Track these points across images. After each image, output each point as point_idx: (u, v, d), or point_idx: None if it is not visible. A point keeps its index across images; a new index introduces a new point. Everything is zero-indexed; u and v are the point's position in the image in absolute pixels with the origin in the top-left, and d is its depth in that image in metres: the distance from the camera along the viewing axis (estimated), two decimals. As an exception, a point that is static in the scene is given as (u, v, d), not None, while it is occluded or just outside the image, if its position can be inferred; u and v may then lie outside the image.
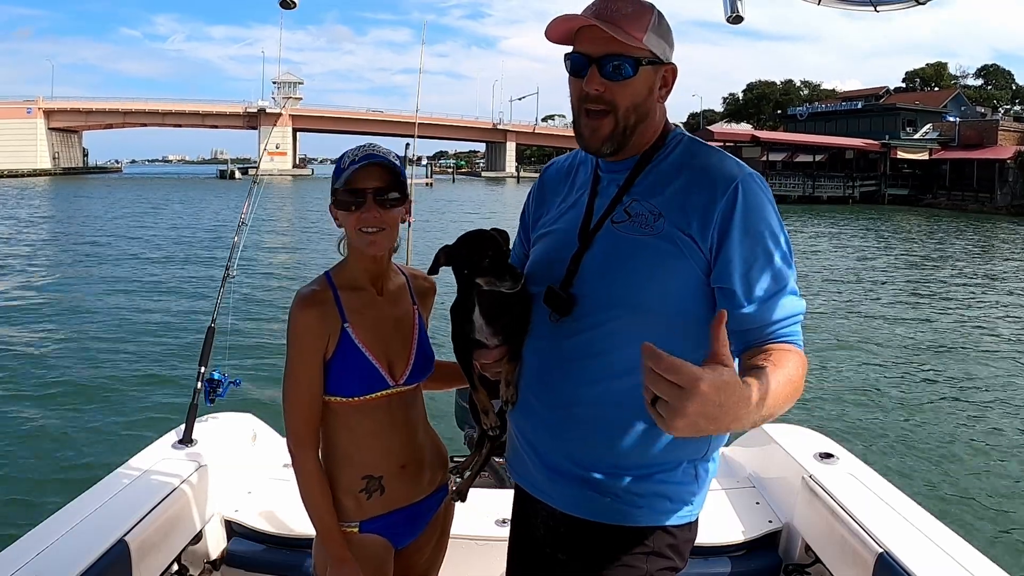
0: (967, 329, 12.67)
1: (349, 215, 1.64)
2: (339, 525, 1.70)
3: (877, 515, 2.19)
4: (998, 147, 49.11)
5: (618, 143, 1.48)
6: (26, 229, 26.94)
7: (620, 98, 1.44)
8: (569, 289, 1.48)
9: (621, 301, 1.43)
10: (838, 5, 2.41)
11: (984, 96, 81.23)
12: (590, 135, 1.47)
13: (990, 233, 33.37)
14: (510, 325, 1.55)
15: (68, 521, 2.10)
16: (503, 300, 1.51)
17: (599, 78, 1.42)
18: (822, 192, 53.31)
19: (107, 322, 11.67)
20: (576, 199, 1.60)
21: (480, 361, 1.59)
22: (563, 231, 1.57)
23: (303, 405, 1.68)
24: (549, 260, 1.56)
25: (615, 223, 1.48)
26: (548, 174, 1.76)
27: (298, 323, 1.65)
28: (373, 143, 1.70)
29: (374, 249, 1.67)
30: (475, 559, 2.41)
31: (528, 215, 1.77)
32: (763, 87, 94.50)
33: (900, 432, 7.49)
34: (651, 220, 1.44)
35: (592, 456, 1.48)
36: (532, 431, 1.57)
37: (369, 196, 1.62)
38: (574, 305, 1.46)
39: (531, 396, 1.56)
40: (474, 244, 1.52)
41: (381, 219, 1.64)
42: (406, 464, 1.76)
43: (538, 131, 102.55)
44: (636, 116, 1.47)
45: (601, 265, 1.46)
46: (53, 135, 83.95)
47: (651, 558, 1.48)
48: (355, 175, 1.62)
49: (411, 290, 1.84)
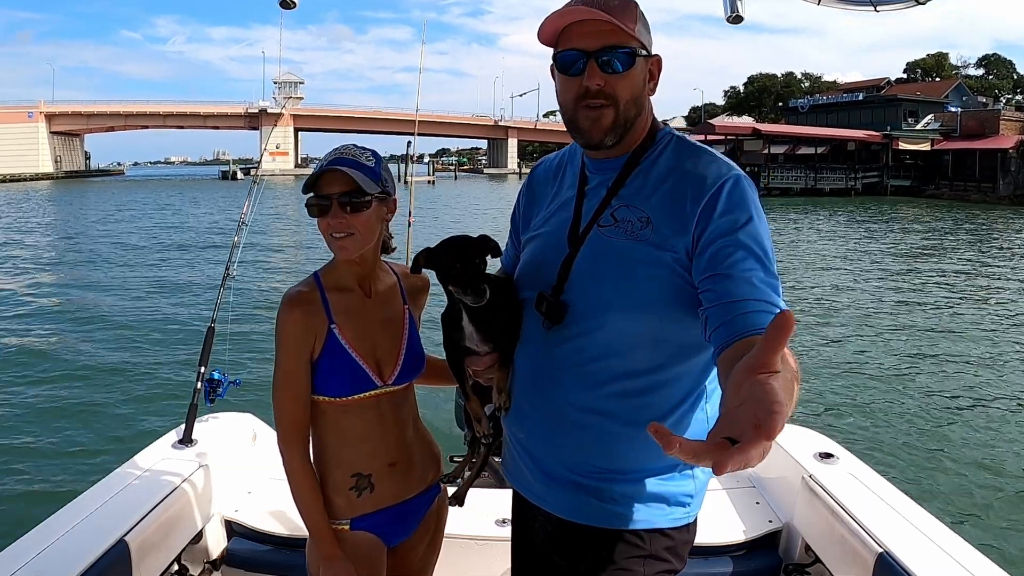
0: (969, 327, 12.59)
1: (320, 221, 1.65)
2: (329, 523, 1.71)
3: (877, 515, 2.18)
4: (1000, 137, 48.94)
5: (619, 135, 1.46)
6: (28, 232, 27.01)
7: (621, 91, 1.42)
8: (560, 295, 1.47)
9: (610, 307, 1.41)
10: (838, 5, 2.40)
11: (985, 86, 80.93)
12: (591, 126, 1.44)
13: (993, 223, 33.23)
14: (500, 331, 1.54)
15: (68, 521, 2.10)
16: (491, 307, 1.50)
17: (600, 72, 1.40)
18: (824, 184, 53.17)
19: (107, 322, 11.72)
20: (564, 201, 1.58)
21: (472, 368, 1.59)
22: (551, 234, 1.56)
23: (290, 405, 1.69)
24: (538, 264, 1.55)
25: (601, 227, 1.47)
26: (536, 173, 1.74)
27: (284, 324, 1.66)
28: (348, 145, 1.70)
29: (344, 254, 1.67)
30: (474, 559, 2.41)
31: (518, 216, 1.75)
32: (764, 80, 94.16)
33: (900, 432, 7.46)
34: (638, 227, 1.42)
35: (587, 461, 1.47)
36: (527, 437, 1.57)
37: (334, 201, 1.62)
38: (566, 312, 1.45)
39: (525, 402, 1.56)
40: (452, 250, 1.49)
41: (348, 224, 1.63)
42: (396, 462, 1.76)
43: (540, 127, 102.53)
44: (635, 108, 1.45)
45: (590, 270, 1.45)
46: (55, 139, 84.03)
47: (648, 561, 1.48)
48: (320, 181, 1.62)
49: (402, 289, 1.84)
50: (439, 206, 39.76)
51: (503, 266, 1.79)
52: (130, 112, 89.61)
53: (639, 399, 1.43)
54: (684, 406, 1.45)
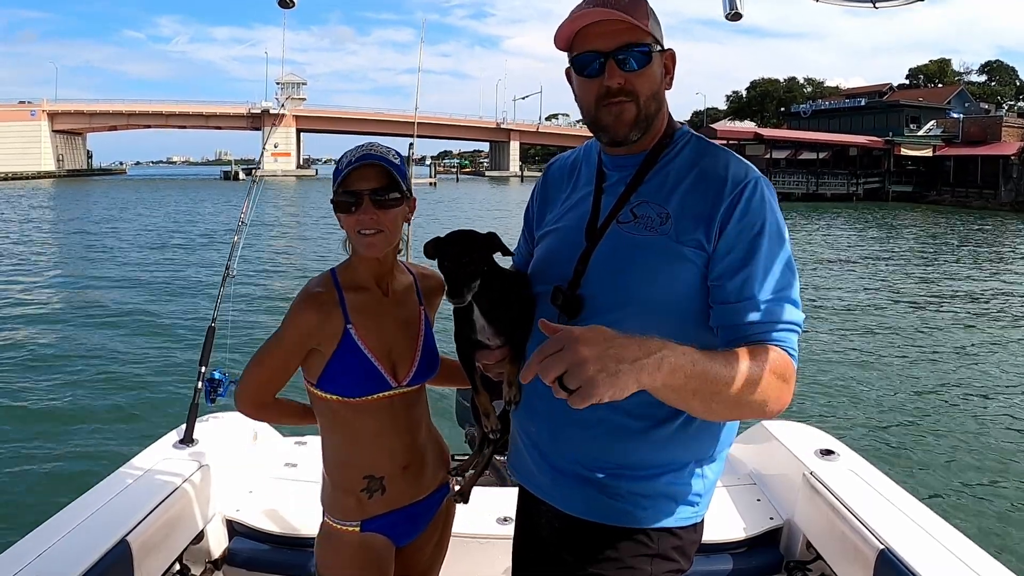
0: (969, 326, 12.64)
1: (347, 217, 1.63)
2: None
3: (878, 511, 2.18)
4: (1002, 143, 48.93)
5: (643, 129, 1.47)
6: (29, 231, 27.03)
7: (641, 87, 1.43)
8: (576, 290, 1.46)
9: (628, 301, 1.41)
10: (837, 2, 2.40)
11: (988, 92, 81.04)
12: (614, 122, 1.45)
13: (994, 229, 33.22)
14: (512, 326, 1.54)
15: (70, 521, 2.10)
16: (503, 300, 1.50)
17: (619, 71, 1.41)
18: (826, 190, 53.19)
19: (108, 322, 11.70)
20: (581, 196, 1.58)
21: (482, 362, 1.58)
22: (568, 229, 1.56)
23: (263, 378, 1.72)
24: (554, 259, 1.55)
25: (620, 223, 1.46)
26: (552, 171, 1.74)
27: (295, 319, 1.65)
28: (374, 142, 1.68)
29: (372, 251, 1.66)
30: (477, 557, 2.40)
31: (532, 213, 1.75)
32: (766, 85, 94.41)
33: (901, 429, 7.47)
34: (657, 223, 1.42)
35: (597, 458, 1.47)
36: (536, 432, 1.56)
37: (366, 197, 1.61)
38: (582, 306, 1.45)
39: (535, 398, 1.54)
40: (455, 244, 1.48)
41: (378, 220, 1.62)
42: (408, 464, 1.75)
43: (542, 130, 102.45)
44: (655, 103, 1.46)
45: (608, 265, 1.45)
46: (57, 137, 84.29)
47: (656, 560, 1.47)
48: (351, 176, 1.61)
49: (418, 290, 1.83)
50: (439, 209, 39.75)
51: (515, 263, 1.78)
52: (132, 111, 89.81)
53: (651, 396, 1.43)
54: None
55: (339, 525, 1.74)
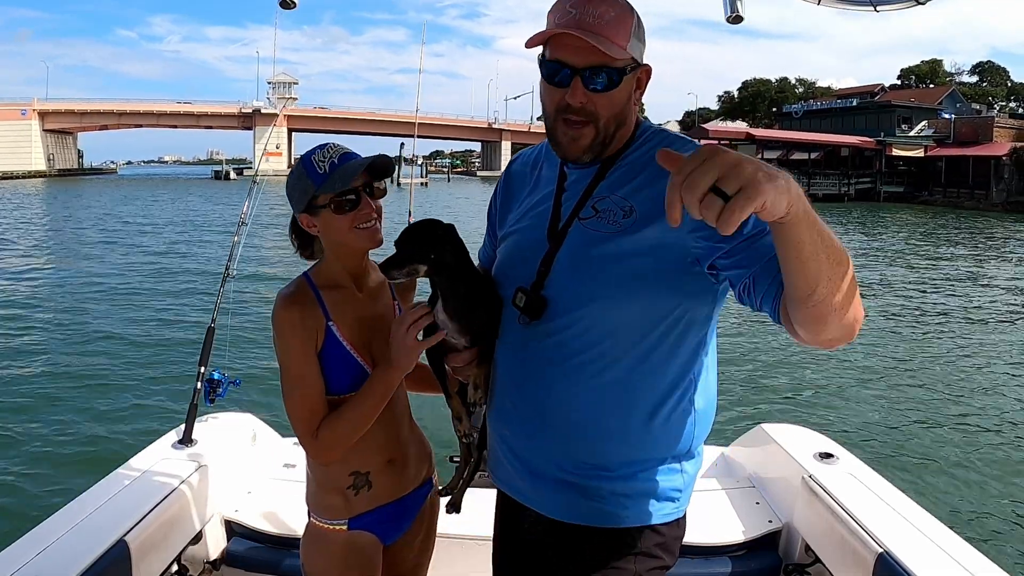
0: (965, 327, 12.69)
1: (342, 217, 1.63)
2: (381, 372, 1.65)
3: (877, 515, 2.19)
4: (993, 144, 49.21)
5: (597, 152, 1.44)
6: (21, 230, 26.83)
7: (602, 108, 1.39)
8: (540, 291, 1.45)
9: (593, 299, 1.39)
10: (838, 5, 2.40)
11: (979, 93, 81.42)
12: (569, 144, 1.43)
13: (986, 230, 33.39)
14: (478, 325, 1.53)
15: (68, 521, 2.10)
16: (468, 298, 1.50)
17: (583, 90, 1.37)
18: (817, 190, 53.28)
19: (106, 323, 11.62)
20: (543, 195, 1.56)
21: (451, 364, 1.58)
22: (529, 229, 1.54)
23: (311, 399, 1.62)
24: (516, 260, 1.53)
25: (582, 220, 1.45)
26: (514, 168, 1.72)
27: (285, 322, 1.62)
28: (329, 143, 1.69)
29: (375, 239, 1.66)
30: (469, 558, 2.40)
31: (495, 212, 1.73)
32: (758, 85, 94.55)
33: (900, 432, 7.49)
34: (620, 217, 1.40)
35: (573, 459, 1.46)
36: (512, 437, 1.55)
37: (362, 193, 1.63)
38: (545, 307, 1.44)
39: (506, 400, 1.54)
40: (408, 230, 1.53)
41: (372, 210, 1.66)
42: (392, 459, 1.76)
43: (533, 130, 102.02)
44: (615, 123, 1.43)
45: (570, 264, 1.43)
46: (48, 136, 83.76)
47: (640, 558, 1.47)
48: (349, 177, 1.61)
49: (391, 285, 1.83)
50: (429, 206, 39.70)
51: (480, 262, 1.77)
52: (123, 111, 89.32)
53: (623, 393, 1.42)
54: (671, 398, 1.43)
55: (326, 524, 1.73)
